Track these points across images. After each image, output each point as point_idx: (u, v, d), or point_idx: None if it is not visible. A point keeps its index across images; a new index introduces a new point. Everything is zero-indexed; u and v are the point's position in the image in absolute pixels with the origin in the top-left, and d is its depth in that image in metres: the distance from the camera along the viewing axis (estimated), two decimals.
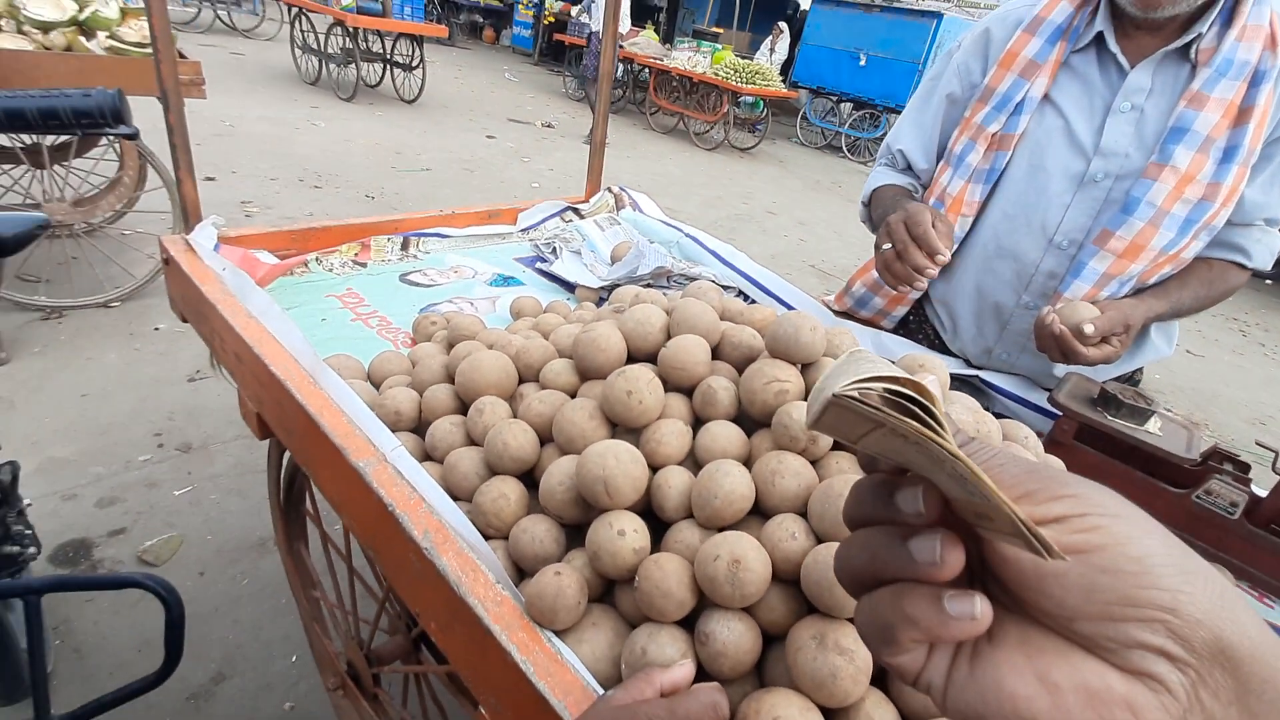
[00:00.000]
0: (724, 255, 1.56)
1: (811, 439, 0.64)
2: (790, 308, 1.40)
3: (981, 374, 1.16)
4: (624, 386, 0.68)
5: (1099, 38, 1.05)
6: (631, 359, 0.81)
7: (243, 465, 2.20)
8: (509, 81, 11.57)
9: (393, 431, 0.79)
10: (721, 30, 11.58)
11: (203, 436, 2.28)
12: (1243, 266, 1.08)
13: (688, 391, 0.75)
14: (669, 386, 0.76)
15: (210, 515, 1.98)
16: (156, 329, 2.79)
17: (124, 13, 3.03)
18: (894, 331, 1.32)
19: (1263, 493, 0.93)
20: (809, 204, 7.32)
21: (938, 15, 9.38)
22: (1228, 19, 0.96)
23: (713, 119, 8.88)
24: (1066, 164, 1.07)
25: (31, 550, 1.35)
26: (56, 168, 2.73)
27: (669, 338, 0.79)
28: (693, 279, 1.42)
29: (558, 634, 0.59)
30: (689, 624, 0.59)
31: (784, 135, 11.55)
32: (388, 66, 8.01)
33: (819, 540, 0.58)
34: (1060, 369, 1.13)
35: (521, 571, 0.68)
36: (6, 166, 2.67)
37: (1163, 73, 1.01)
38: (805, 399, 0.70)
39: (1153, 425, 1.00)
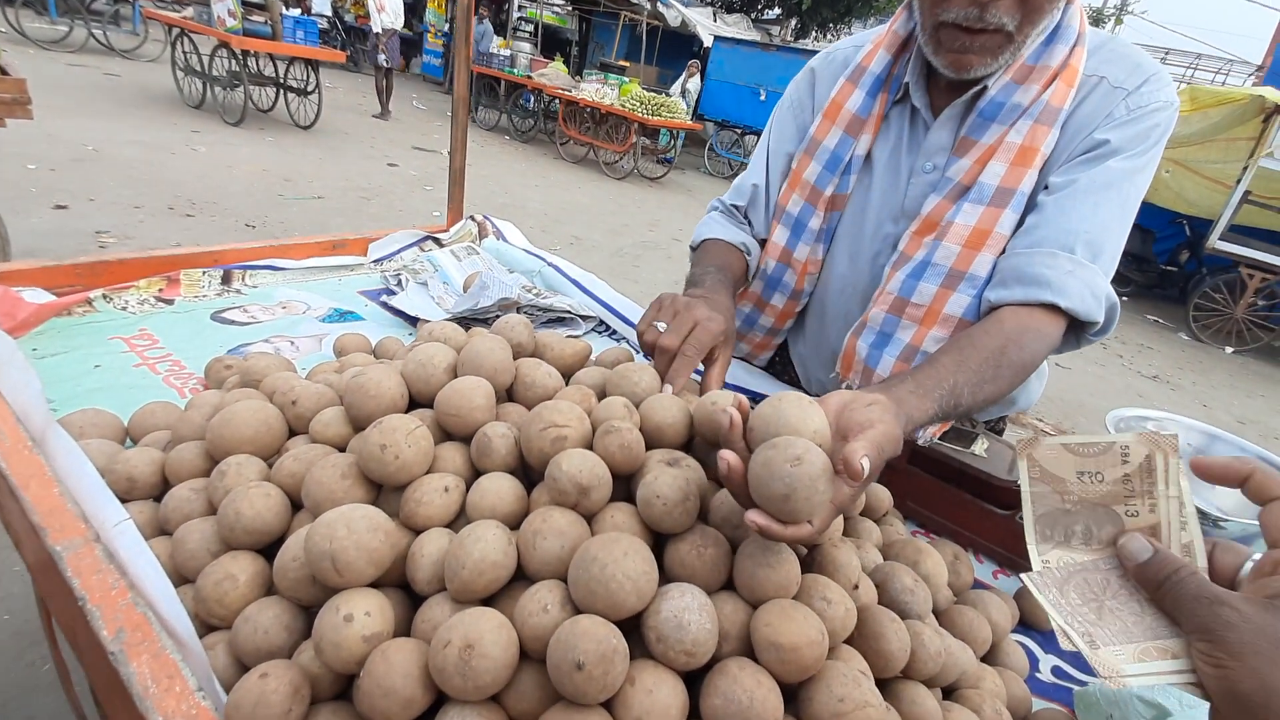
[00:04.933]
0: (584, 284, 1.51)
1: (583, 491, 0.57)
2: None
3: None
4: (378, 440, 0.60)
5: (909, 90, 0.99)
6: (415, 404, 0.72)
7: None
8: (417, 110, 11.34)
9: (124, 502, 0.67)
10: (628, 64, 11.83)
11: None
12: (1053, 310, 0.86)
13: (469, 441, 0.67)
14: (448, 436, 0.68)
15: (10, 590, 1.72)
16: None
17: None
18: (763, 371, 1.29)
19: None
20: None
21: None
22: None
23: (621, 149, 8.99)
24: (879, 226, 1.04)
25: None
26: None
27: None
28: (544, 309, 1.36)
29: None
30: None
31: (694, 165, 11.83)
32: (280, 91, 7.65)
33: (577, 611, 0.51)
34: None
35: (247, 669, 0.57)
36: None
37: (960, 128, 0.95)
38: (589, 445, 0.64)
39: (978, 447, 0.99)
